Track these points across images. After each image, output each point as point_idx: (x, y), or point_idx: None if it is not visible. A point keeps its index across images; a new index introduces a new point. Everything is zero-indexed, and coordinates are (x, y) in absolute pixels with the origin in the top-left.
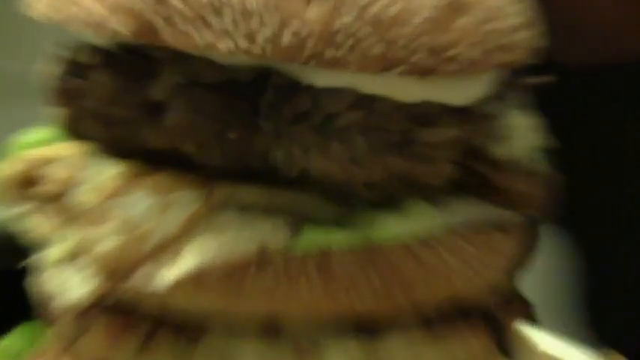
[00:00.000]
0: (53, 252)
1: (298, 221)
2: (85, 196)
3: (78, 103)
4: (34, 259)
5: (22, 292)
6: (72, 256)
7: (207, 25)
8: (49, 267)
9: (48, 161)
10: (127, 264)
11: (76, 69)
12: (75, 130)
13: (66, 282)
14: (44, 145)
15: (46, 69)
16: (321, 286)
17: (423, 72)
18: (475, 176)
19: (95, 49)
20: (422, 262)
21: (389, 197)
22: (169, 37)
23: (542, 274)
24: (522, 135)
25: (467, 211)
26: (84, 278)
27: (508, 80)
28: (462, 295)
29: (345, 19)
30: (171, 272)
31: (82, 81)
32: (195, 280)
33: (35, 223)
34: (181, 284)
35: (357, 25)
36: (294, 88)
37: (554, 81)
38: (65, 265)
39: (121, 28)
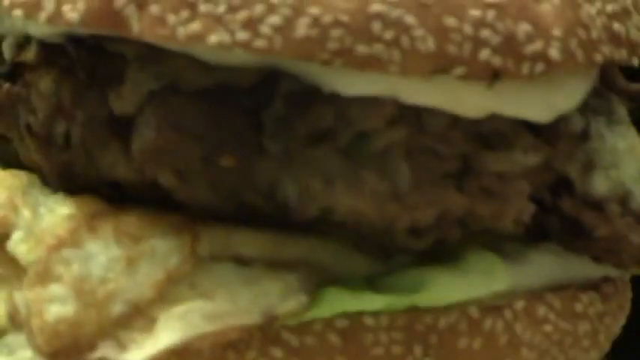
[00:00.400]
0: None
1: (317, 280)
2: (24, 246)
3: (12, 117)
4: None
5: None
6: (9, 325)
7: (191, 9)
8: None
9: None
10: (81, 338)
11: (8, 71)
12: (8, 155)
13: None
14: None
15: None
16: None
17: (492, 75)
18: (561, 219)
19: (36, 44)
20: (486, 337)
21: (442, 248)
22: (139, 27)
23: None
24: (628, 162)
25: (548, 266)
26: (22, 358)
27: (608, 86)
28: None
29: (384, 1)
30: (142, 351)
31: (18, 88)
32: None
33: None
34: None
35: (399, 10)
36: (311, 96)
37: None
38: (0, 336)
39: (72, 13)
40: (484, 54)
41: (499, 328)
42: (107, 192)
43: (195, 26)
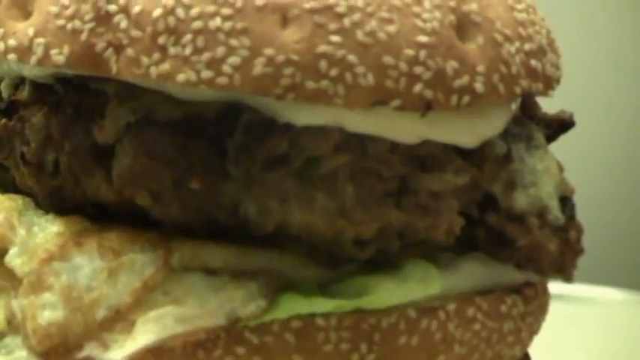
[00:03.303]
0: None
1: (275, 287)
2: (19, 259)
3: (9, 148)
4: None
5: None
6: (7, 329)
7: (162, 51)
8: None
9: None
10: (70, 339)
11: (6, 108)
12: (6, 181)
13: None
14: None
15: None
16: None
17: (424, 106)
18: (487, 231)
19: (29, 84)
20: (423, 334)
21: (384, 257)
22: (117, 68)
23: None
24: (545, 181)
25: (477, 273)
26: (18, 357)
27: (527, 115)
28: None
29: (329, 43)
30: (123, 350)
31: (13, 122)
32: (153, 359)
33: None
34: None
35: (343, 50)
36: (268, 126)
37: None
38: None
39: (58, 56)
40: (417, 88)
41: (434, 327)
42: (92, 212)
43: (165, 66)
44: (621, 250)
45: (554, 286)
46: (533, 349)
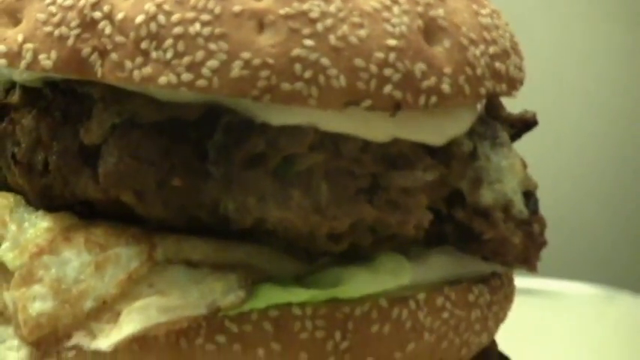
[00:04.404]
0: None
1: (253, 278)
2: (11, 254)
3: (0, 149)
4: None
5: None
6: (1, 317)
7: (144, 55)
8: None
9: None
10: (59, 329)
11: None
12: None
13: None
14: None
15: None
16: (279, 352)
17: (394, 106)
18: (455, 225)
19: (20, 88)
20: (394, 323)
21: (357, 250)
22: (102, 72)
23: None
24: (509, 177)
25: (445, 265)
26: (10, 346)
27: (492, 115)
28: (438, 358)
29: (303, 47)
30: (109, 339)
31: (5, 125)
32: (138, 347)
33: None
34: (121, 352)
35: (316, 53)
36: (246, 127)
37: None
38: None
39: (46, 61)
40: (387, 89)
41: (404, 316)
42: (79, 209)
43: (147, 70)
44: (591, 246)
45: (525, 281)
46: (504, 343)
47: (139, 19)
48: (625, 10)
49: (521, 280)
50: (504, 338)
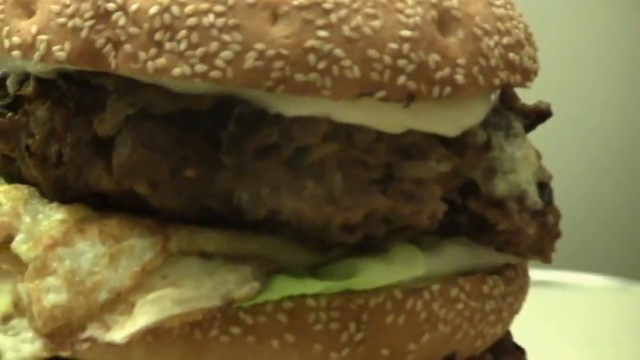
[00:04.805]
0: None
1: (268, 270)
2: (25, 246)
3: (15, 141)
4: None
5: None
6: (14, 312)
7: (158, 47)
8: None
9: None
10: (73, 321)
11: (11, 102)
12: (12, 171)
13: (5, 341)
14: None
15: None
16: (294, 343)
17: (408, 97)
18: (469, 216)
19: (34, 80)
20: (408, 314)
21: (371, 241)
22: (116, 63)
23: None
24: (523, 168)
25: (459, 256)
26: (24, 338)
27: (506, 105)
28: (452, 349)
29: (317, 38)
30: (123, 331)
31: (19, 116)
32: (152, 339)
33: None
34: (135, 344)
35: (330, 44)
36: (259, 118)
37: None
38: (7, 320)
39: (60, 52)
40: (401, 80)
41: (419, 307)
42: (93, 200)
43: (161, 61)
44: (606, 238)
45: (541, 273)
46: (519, 335)
47: (153, 10)
48: None
49: (536, 272)
50: (519, 330)
